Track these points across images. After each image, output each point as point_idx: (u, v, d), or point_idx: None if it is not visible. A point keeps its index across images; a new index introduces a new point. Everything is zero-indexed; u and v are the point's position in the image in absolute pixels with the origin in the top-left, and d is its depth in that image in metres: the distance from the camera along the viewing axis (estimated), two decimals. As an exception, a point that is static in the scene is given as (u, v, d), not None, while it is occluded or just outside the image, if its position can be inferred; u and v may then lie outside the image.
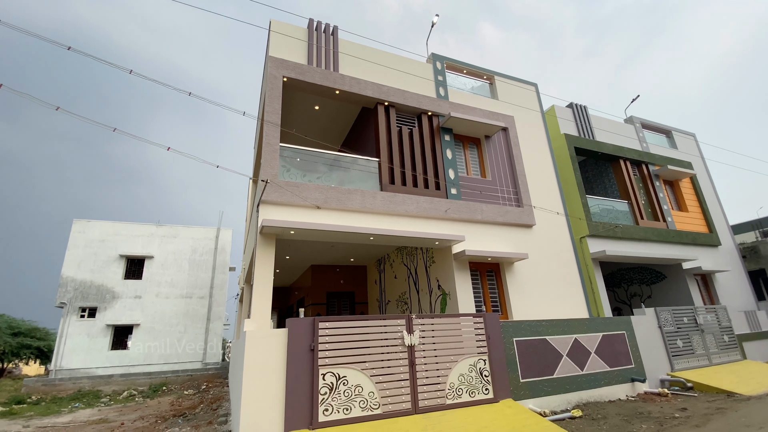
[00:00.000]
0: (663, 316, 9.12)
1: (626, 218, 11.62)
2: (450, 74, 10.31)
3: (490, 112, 9.90)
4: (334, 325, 5.67)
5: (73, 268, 19.25)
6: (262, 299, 6.07)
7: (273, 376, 5.17)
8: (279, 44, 7.99)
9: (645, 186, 12.57)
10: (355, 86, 8.30)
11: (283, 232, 6.47)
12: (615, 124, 13.38)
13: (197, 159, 5.40)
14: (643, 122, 14.03)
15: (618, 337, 8.31)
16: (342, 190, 7.29)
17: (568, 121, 12.15)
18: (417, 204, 7.92)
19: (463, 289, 7.78)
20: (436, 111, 9.16)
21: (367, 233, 6.96)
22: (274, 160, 6.88)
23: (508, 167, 9.73)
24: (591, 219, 10.56)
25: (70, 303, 18.63)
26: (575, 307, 9.02)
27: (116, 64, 4.95)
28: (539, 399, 6.81)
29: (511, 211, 9.01)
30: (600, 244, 10.47)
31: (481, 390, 6.26)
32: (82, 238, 19.87)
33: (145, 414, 10.84)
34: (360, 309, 12.57)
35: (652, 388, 8.10)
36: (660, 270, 12.32)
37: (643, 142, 13.37)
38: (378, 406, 5.51)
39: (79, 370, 17.63)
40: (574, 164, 11.18)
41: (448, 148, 8.99)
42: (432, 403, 5.86)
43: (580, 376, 7.43)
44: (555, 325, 7.57)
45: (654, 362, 8.46)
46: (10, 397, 14.19)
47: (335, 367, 5.46)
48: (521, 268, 8.67)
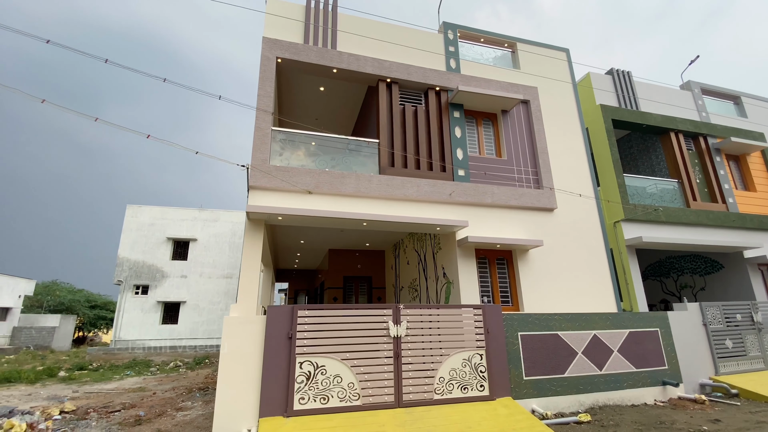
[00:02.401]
0: (710, 312, 7.94)
1: (674, 199, 10.17)
2: (465, 44, 9.45)
3: (508, 83, 8.97)
4: (315, 314, 5.53)
5: (127, 249, 21.15)
6: (249, 285, 6.06)
7: (250, 363, 5.16)
8: (275, 24, 7.74)
9: (702, 162, 10.88)
10: (353, 63, 7.87)
11: (271, 218, 6.37)
12: (667, 91, 11.62)
13: (176, 146, 5.39)
14: (704, 87, 12.02)
15: (649, 334, 7.37)
16: (335, 174, 7.02)
17: (605, 91, 10.73)
18: (418, 187, 7.44)
19: (466, 278, 7.27)
20: (445, 86, 8.47)
21: (359, 219, 6.67)
22: (264, 145, 6.75)
23: (528, 145, 8.83)
24: (628, 201, 9.36)
25: (126, 281, 20.58)
26: (602, 300, 8.12)
27: (92, 54, 5.01)
28: (545, 399, 6.24)
29: (527, 193, 8.20)
30: (637, 229, 9.27)
31: (475, 386, 5.84)
32: (134, 222, 21.69)
33: (178, 385, 11.69)
34: (377, 294, 12.43)
35: (688, 393, 7.13)
36: (716, 259, 10.74)
37: (702, 110, 11.49)
38: (358, 398, 5.33)
39: (135, 341, 19.55)
40: (611, 139, 9.90)
41: (457, 126, 8.31)
42: (418, 397, 5.57)
43: (598, 377, 6.70)
44: (570, 320, 6.85)
45: (694, 364, 7.43)
46: (75, 364, 16.08)
47: (314, 356, 5.33)
48: (537, 257, 7.91)
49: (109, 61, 5.14)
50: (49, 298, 33.26)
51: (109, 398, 9.63)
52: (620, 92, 10.79)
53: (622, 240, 9.18)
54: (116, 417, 7.34)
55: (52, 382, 12.78)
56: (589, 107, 10.51)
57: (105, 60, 5.13)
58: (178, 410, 7.80)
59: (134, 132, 5.29)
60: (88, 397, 9.86)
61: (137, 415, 7.33)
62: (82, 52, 5.09)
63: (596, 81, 10.73)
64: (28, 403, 9.09)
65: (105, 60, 5.13)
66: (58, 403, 8.96)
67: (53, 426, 6.66)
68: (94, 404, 8.71)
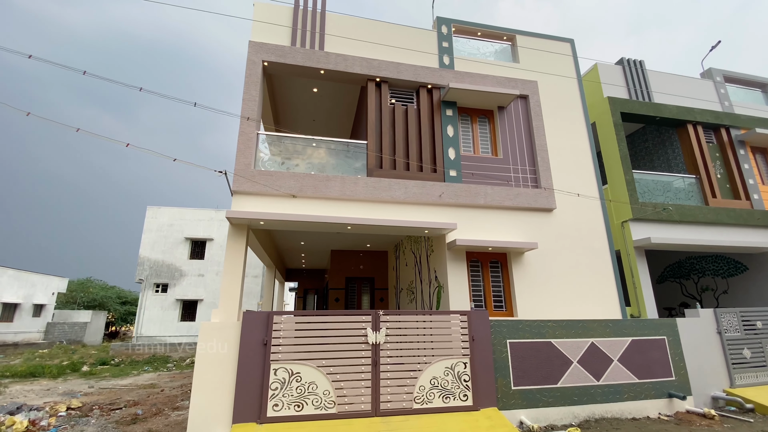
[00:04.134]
0: (726, 319, 7.37)
1: (691, 197, 9.49)
2: (460, 39, 9.14)
3: (504, 78, 8.61)
4: (291, 320, 5.49)
5: (148, 249, 22.00)
6: (231, 290, 6.09)
7: (225, 368, 5.18)
8: (262, 28, 7.73)
9: (723, 155, 10.09)
10: (341, 64, 7.76)
11: (253, 224, 6.38)
12: (686, 80, 10.85)
13: (153, 153, 5.46)
14: (727, 75, 11.12)
15: (655, 342, 6.91)
16: (320, 177, 6.95)
17: (614, 83, 10.12)
18: (406, 189, 7.26)
19: (456, 282, 7.04)
20: (438, 83, 8.22)
21: (343, 222, 6.57)
22: (249, 150, 6.76)
23: (526, 142, 8.45)
24: (637, 199, 8.80)
25: (147, 279, 21.42)
26: (605, 305, 7.68)
27: (68, 66, 5.14)
28: (535, 410, 5.96)
29: (523, 193, 7.85)
30: (647, 229, 8.70)
31: (458, 396, 5.64)
32: (154, 222, 22.54)
33: (188, 382, 12.03)
34: (380, 295, 12.33)
35: (698, 406, 6.64)
36: (740, 260, 9.97)
37: (725, 100, 10.65)
38: (333, 405, 5.25)
39: (155, 338, 20.34)
40: (619, 133, 9.33)
41: (450, 125, 8.05)
42: (396, 406, 5.43)
43: (595, 387, 6.34)
44: (565, 326, 6.51)
45: (705, 375, 6.92)
46: (98, 359, 16.90)
47: (289, 363, 5.29)
48: (533, 260, 7.57)
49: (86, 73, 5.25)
50: (82, 295, 35.19)
51: (119, 395, 10.00)
52: (631, 83, 10.16)
53: (630, 241, 8.66)
54: (115, 415, 7.59)
55: (74, 377, 13.43)
56: (597, 100, 9.95)
57: (83, 72, 5.24)
58: (174, 409, 7.99)
59: (113, 141, 5.37)
60: (100, 393, 10.28)
61: (135, 414, 7.56)
62: (60, 64, 5.23)
63: (605, 72, 10.14)
64: (44, 398, 9.57)
65: (83, 72, 5.24)
66: (70, 398, 9.38)
67: (55, 423, 6.96)
68: (102, 401, 9.05)
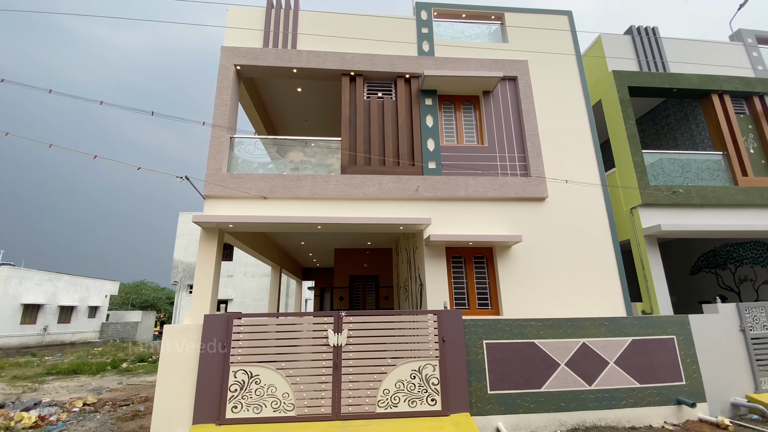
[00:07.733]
0: (752, 315, 6.45)
1: (716, 176, 8.37)
2: (443, 23, 8.67)
3: (490, 60, 8.06)
4: (251, 323, 5.49)
5: (181, 252, 23.34)
6: (202, 294, 6.22)
7: (187, 370, 5.29)
8: (235, 33, 7.79)
9: (758, 127, 8.81)
10: (313, 61, 7.64)
11: (223, 227, 6.46)
12: (710, 46, 9.57)
13: (119, 163, 5.67)
14: (759, 35, 9.63)
15: (661, 343, 6.18)
16: (290, 177, 6.90)
17: (623, 56, 9.14)
18: (380, 185, 7.02)
19: (434, 280, 6.71)
20: (416, 72, 7.86)
21: (313, 222, 6.49)
22: (220, 154, 6.85)
23: (515, 128, 7.87)
24: (648, 183, 7.90)
25: (181, 281, 22.75)
26: (606, 301, 6.99)
27: (36, 86, 5.45)
28: (515, 416, 5.54)
29: (510, 183, 7.31)
30: (660, 215, 7.79)
31: (425, 400, 5.37)
32: (186, 228, 23.84)
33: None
34: (384, 293, 12.16)
35: (713, 414, 5.86)
36: (783, 246, 8.68)
37: (758, 64, 9.27)
38: (292, 408, 5.19)
39: (190, 336, 21.58)
40: (626, 110, 8.42)
41: (429, 114, 7.67)
42: (358, 410, 5.27)
43: (586, 392, 5.78)
44: (552, 326, 5.99)
45: (724, 379, 6.10)
46: (137, 356, 18.22)
47: (248, 365, 5.30)
48: (522, 254, 7.04)
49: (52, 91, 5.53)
50: (135, 297, 38.19)
51: (138, 391, 10.65)
52: (643, 55, 9.12)
53: (639, 229, 7.81)
54: (120, 411, 8.07)
55: (111, 374, 14.49)
56: (602, 76, 9.04)
57: (49, 90, 5.53)
58: (175, 407, 8.36)
59: (82, 153, 5.61)
60: (123, 389, 11.00)
61: (137, 411, 7.99)
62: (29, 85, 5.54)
63: (611, 45, 9.17)
64: (73, 393, 10.40)
65: (49, 90, 5.53)
66: (96, 394, 10.15)
67: (65, 418, 7.52)
68: (119, 397, 9.67)
